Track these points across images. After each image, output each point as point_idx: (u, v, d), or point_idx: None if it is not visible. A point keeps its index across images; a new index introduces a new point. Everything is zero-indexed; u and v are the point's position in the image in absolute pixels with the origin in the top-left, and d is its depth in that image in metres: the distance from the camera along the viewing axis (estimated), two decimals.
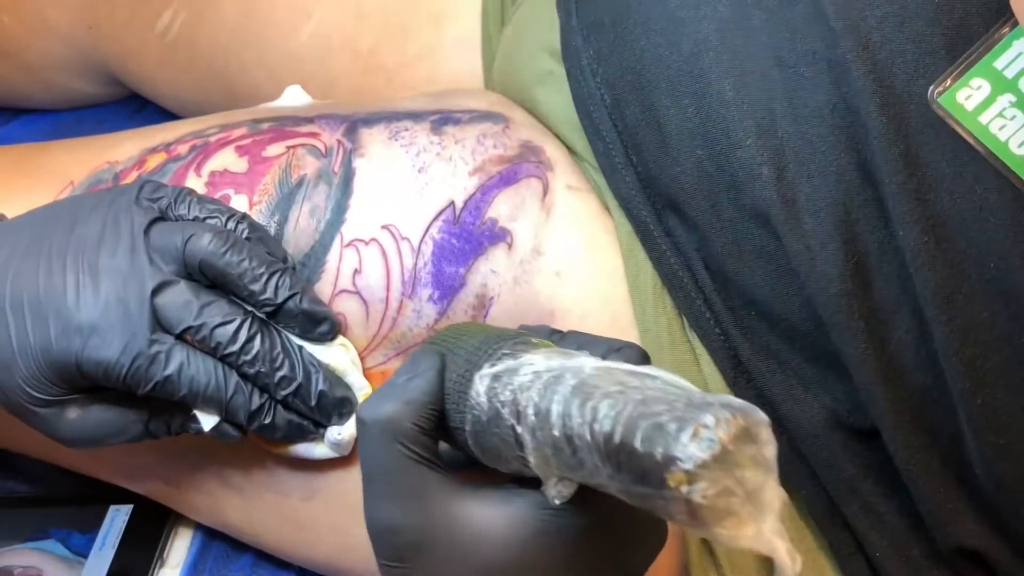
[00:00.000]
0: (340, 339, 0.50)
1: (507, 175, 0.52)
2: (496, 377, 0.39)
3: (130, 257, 0.45)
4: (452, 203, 0.51)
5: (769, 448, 0.32)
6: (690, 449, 0.31)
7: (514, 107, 0.58)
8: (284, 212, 0.51)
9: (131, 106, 0.91)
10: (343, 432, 0.49)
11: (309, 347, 0.48)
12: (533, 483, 0.39)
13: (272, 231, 0.51)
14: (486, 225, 0.51)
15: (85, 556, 0.66)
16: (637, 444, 0.32)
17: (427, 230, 0.51)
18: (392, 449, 0.40)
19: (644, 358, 0.41)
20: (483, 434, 0.40)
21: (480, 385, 0.40)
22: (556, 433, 0.35)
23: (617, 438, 0.33)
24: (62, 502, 0.68)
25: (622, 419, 0.33)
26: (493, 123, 0.55)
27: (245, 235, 0.48)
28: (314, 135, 0.54)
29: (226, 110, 0.74)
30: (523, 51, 0.60)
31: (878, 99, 0.44)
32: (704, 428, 0.31)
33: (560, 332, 0.44)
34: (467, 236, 0.51)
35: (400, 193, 0.51)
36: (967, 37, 0.44)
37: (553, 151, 0.54)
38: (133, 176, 0.55)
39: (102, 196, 0.48)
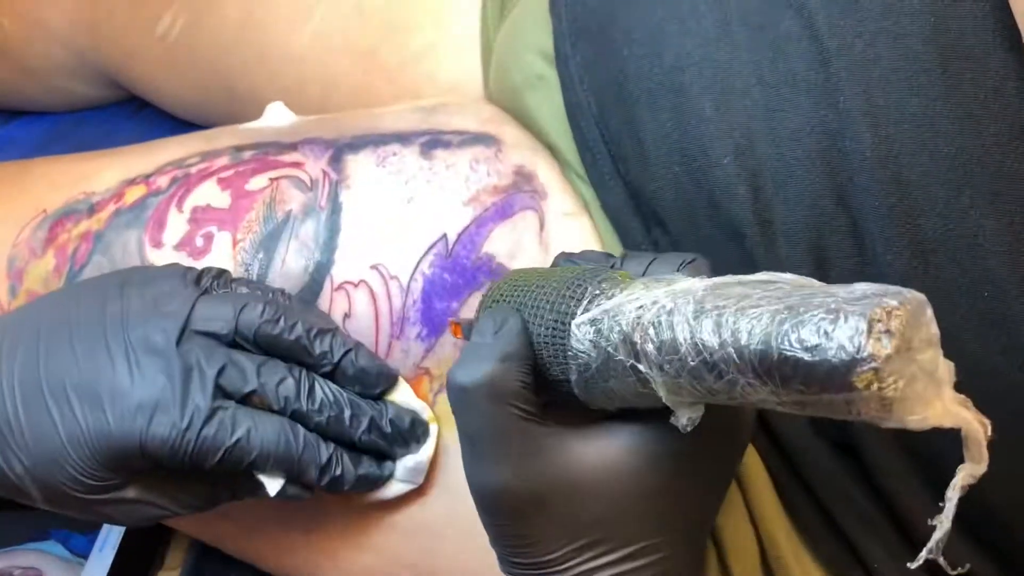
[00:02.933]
0: None
1: (503, 208, 0.51)
2: (595, 321, 0.38)
3: (181, 332, 0.44)
4: (444, 236, 0.50)
5: (933, 324, 0.32)
6: (872, 347, 0.30)
7: (505, 122, 0.56)
8: (270, 251, 0.50)
9: (131, 107, 0.91)
10: (420, 456, 0.49)
11: None
12: (630, 413, 0.39)
13: (256, 269, 0.50)
14: (482, 261, 0.50)
15: (85, 557, 0.66)
16: (805, 355, 0.31)
17: (417, 266, 0.50)
18: (501, 411, 0.38)
19: (711, 268, 0.40)
20: (594, 381, 0.38)
21: (580, 332, 0.38)
22: (692, 362, 0.34)
23: (776, 353, 0.32)
24: None
25: (774, 333, 0.32)
26: (485, 146, 0.53)
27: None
28: (298, 165, 0.52)
29: (227, 111, 0.74)
30: (516, 53, 0.58)
31: (869, 120, 0.44)
32: (876, 323, 0.30)
33: (614, 256, 0.43)
34: (460, 270, 0.49)
35: (389, 227, 0.50)
36: (963, 55, 0.43)
37: (545, 174, 0.53)
38: (110, 208, 0.53)
39: (130, 276, 0.47)
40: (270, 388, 0.45)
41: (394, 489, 0.49)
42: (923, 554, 0.34)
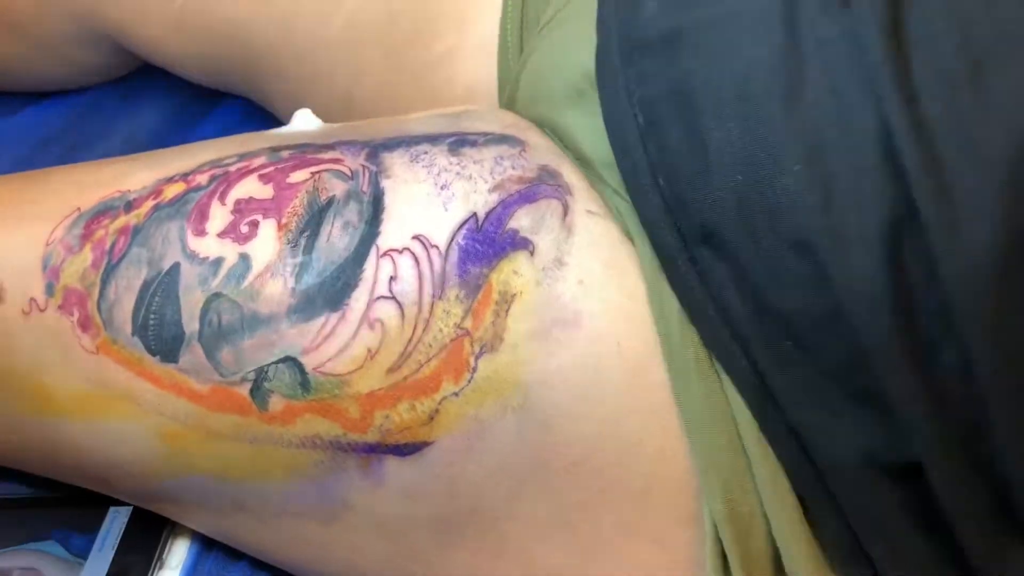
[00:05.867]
0: None
1: (527, 194, 0.53)
2: None
3: None
4: (475, 214, 0.52)
5: None
6: None
7: (530, 130, 0.58)
8: (315, 228, 0.52)
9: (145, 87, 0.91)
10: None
11: None
12: None
13: (302, 244, 0.52)
14: (508, 234, 0.52)
15: (84, 557, 0.66)
16: None
17: (453, 237, 0.51)
18: None
19: None
20: None
21: None
22: None
23: None
24: (62, 503, 0.68)
25: None
26: (510, 146, 0.55)
27: None
28: (337, 161, 0.55)
29: (243, 81, 0.74)
30: (555, 69, 0.60)
31: (915, 132, 0.45)
32: None
33: None
34: (490, 242, 0.51)
35: (427, 207, 0.52)
36: (994, 65, 0.45)
37: (571, 176, 0.55)
38: (148, 205, 0.54)
39: None
40: None
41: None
42: None
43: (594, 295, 0.51)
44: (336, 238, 0.52)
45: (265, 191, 0.53)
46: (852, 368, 0.47)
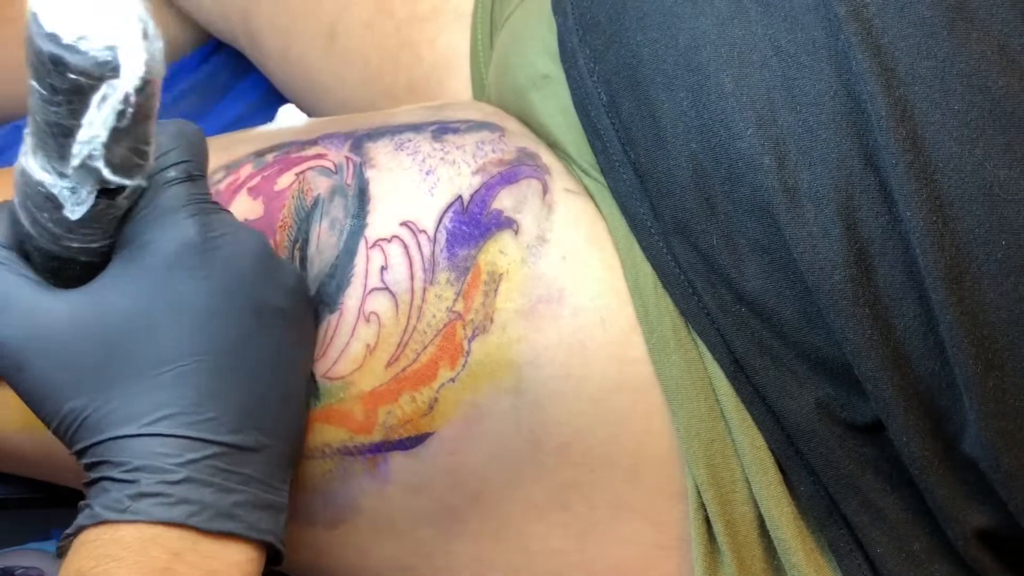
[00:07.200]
0: None
1: (508, 175, 0.53)
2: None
3: None
4: (460, 197, 0.53)
5: None
6: None
7: (508, 118, 0.59)
8: (305, 234, 0.52)
9: None
10: None
11: None
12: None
13: (297, 256, 0.52)
14: (492, 214, 0.52)
15: None
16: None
17: (440, 221, 0.52)
18: None
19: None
20: (34, 204, 0.43)
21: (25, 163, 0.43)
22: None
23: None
24: (63, 503, 0.68)
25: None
26: (489, 131, 0.56)
27: None
28: (321, 156, 0.55)
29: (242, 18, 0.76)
30: (520, 55, 0.60)
31: (882, 81, 0.45)
32: None
33: None
34: (475, 223, 0.52)
35: (412, 194, 0.53)
36: (968, 17, 0.46)
37: (548, 158, 0.55)
38: None
39: None
40: None
41: None
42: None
43: (577, 271, 0.52)
44: (325, 238, 0.52)
45: (256, 208, 0.54)
46: (800, 330, 0.48)
